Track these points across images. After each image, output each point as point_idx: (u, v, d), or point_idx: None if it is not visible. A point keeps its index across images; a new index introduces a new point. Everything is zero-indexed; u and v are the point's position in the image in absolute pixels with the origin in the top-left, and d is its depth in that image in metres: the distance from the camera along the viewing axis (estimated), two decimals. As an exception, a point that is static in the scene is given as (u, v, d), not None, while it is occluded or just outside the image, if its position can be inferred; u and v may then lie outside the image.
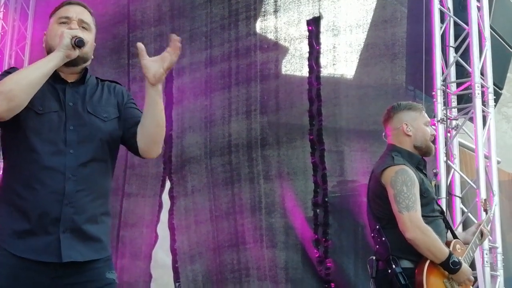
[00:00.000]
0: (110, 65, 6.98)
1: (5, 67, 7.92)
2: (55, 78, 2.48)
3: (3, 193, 2.46)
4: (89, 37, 2.57)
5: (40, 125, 2.42)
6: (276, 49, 6.14)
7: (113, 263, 2.58)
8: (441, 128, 5.02)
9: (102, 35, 7.07)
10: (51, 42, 2.52)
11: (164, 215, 6.44)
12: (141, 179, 6.69)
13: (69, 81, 2.55)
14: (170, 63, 2.40)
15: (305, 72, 5.83)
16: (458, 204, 5.02)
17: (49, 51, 2.52)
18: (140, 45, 2.44)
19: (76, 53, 2.45)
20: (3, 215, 2.42)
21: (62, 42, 2.42)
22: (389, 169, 3.51)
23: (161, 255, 6.70)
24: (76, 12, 2.58)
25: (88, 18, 2.61)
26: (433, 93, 5.08)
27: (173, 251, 6.34)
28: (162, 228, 6.47)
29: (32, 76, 2.36)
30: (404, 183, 3.43)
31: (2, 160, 2.59)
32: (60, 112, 2.46)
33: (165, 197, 6.49)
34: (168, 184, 6.51)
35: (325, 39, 5.77)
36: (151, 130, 2.50)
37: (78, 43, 2.43)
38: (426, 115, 3.75)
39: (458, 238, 3.71)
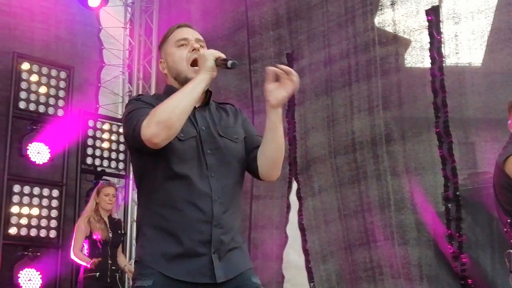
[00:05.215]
0: (233, 72, 7.09)
1: (134, 81, 8.34)
2: None
3: (149, 218, 2.52)
4: None
5: (183, 151, 2.47)
6: (396, 42, 6.04)
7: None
8: None
9: (223, 43, 7.32)
10: (178, 67, 2.56)
11: (293, 216, 6.51)
12: (268, 182, 6.78)
13: (196, 105, 2.58)
14: (294, 89, 2.45)
15: (427, 63, 5.68)
16: None
17: (176, 76, 2.58)
18: (269, 69, 2.48)
19: (215, 73, 2.46)
20: (153, 239, 2.48)
21: (206, 64, 2.42)
22: None
23: (293, 256, 6.77)
24: (190, 33, 2.63)
25: (200, 36, 2.65)
26: None
27: (305, 251, 6.39)
28: (292, 229, 6.53)
29: (184, 102, 2.37)
30: None
31: (136, 187, 2.65)
32: (196, 137, 2.51)
33: (293, 198, 6.56)
34: (294, 185, 6.57)
35: (446, 28, 5.61)
36: (272, 154, 2.56)
37: (232, 66, 2.42)
38: None
39: None
